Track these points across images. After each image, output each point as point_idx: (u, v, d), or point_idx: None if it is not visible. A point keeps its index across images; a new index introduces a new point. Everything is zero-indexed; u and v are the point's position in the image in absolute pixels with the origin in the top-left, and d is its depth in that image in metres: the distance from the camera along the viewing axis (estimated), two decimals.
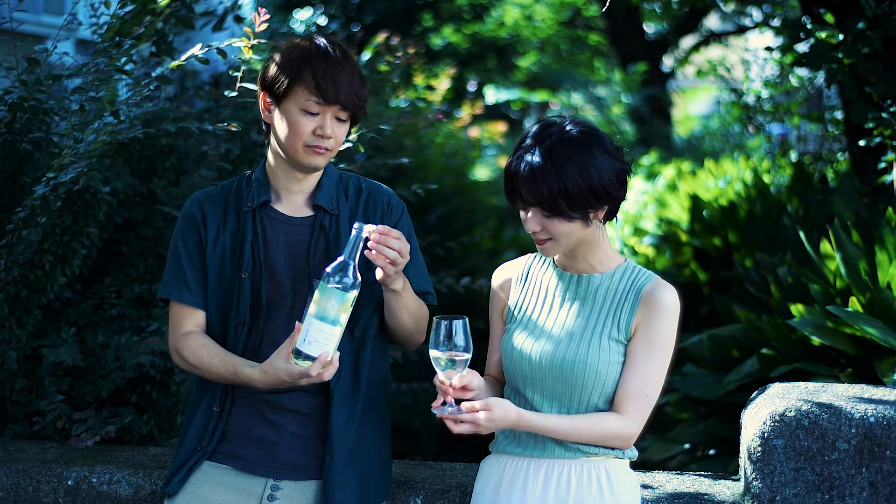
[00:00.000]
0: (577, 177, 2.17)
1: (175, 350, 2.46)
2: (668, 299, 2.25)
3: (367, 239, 2.22)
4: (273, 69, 2.37)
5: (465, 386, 2.18)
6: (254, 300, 2.41)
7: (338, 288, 2.15)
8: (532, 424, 2.21)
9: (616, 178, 2.22)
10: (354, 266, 2.17)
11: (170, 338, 2.48)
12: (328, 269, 2.17)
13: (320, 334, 2.17)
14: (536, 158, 2.19)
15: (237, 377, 2.35)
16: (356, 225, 2.19)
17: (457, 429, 2.15)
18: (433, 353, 2.15)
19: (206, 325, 2.48)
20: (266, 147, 2.47)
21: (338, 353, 2.22)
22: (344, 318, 2.18)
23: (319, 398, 2.39)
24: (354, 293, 2.17)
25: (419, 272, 2.49)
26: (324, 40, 2.39)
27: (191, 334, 2.44)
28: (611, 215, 2.28)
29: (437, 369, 2.16)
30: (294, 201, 2.45)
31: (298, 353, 2.20)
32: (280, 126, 2.37)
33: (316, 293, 2.17)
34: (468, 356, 2.15)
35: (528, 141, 2.24)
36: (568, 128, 2.23)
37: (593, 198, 2.19)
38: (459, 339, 2.13)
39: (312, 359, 2.19)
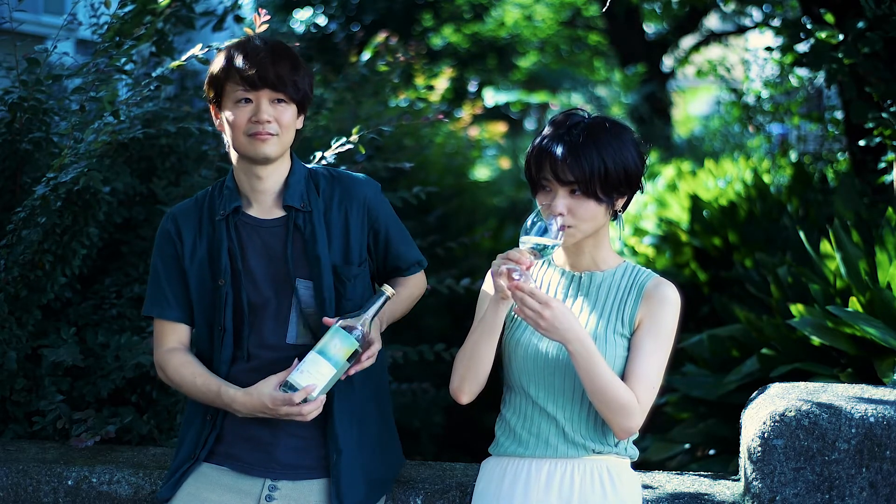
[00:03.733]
0: (616, 157, 2.24)
1: (159, 367, 2.47)
2: (671, 294, 2.31)
3: (388, 297, 2.33)
4: (209, 79, 2.41)
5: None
6: (235, 307, 2.41)
7: (345, 331, 2.26)
8: (588, 345, 2.19)
9: (643, 165, 2.32)
10: (368, 321, 2.29)
11: (154, 354, 2.49)
12: (346, 315, 2.29)
13: (314, 367, 2.25)
14: (577, 138, 2.24)
15: (219, 397, 2.36)
16: (384, 287, 2.32)
17: (524, 307, 2.16)
18: (526, 238, 2.18)
19: (196, 336, 2.49)
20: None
21: (324, 396, 2.28)
22: (341, 361, 2.26)
23: None
24: (358, 344, 2.27)
25: (407, 244, 2.54)
26: (253, 38, 2.41)
27: (174, 351, 2.44)
28: (624, 207, 2.35)
29: (523, 247, 2.19)
30: (264, 203, 2.44)
31: (287, 383, 2.26)
32: (227, 127, 2.39)
33: (328, 331, 2.28)
34: (558, 243, 2.20)
35: (559, 125, 2.29)
36: (596, 116, 2.32)
37: (624, 182, 2.27)
38: (553, 231, 2.19)
39: (300, 388, 2.24)
